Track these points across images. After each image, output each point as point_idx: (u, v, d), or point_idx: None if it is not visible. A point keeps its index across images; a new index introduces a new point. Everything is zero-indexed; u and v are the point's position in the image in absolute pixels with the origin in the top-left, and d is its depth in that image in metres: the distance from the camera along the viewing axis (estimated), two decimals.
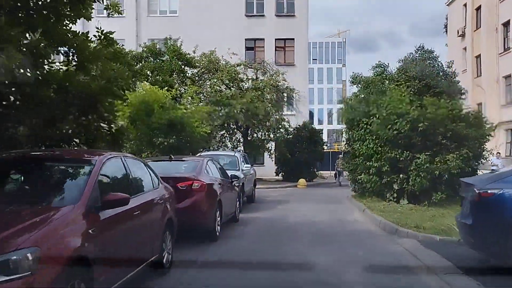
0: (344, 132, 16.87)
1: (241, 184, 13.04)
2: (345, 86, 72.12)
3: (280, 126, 26.04)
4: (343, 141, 18.94)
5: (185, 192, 7.73)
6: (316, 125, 36.96)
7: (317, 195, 19.19)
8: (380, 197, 14.05)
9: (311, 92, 62.16)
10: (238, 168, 13.87)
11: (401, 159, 13.26)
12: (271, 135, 26.22)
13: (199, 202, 7.82)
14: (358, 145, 14.43)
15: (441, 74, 15.05)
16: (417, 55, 15.28)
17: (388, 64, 16.52)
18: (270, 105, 24.81)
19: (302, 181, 24.49)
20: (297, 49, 31.69)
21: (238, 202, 10.79)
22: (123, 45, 12.00)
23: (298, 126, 27.69)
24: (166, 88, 17.13)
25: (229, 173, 12.59)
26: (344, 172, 21.36)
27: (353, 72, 17.19)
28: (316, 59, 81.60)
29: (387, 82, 15.93)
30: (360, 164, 14.74)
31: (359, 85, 16.98)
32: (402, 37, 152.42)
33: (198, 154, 14.99)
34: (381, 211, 11.57)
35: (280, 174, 27.91)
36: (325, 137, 49.84)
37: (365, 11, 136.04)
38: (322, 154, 29.30)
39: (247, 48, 31.39)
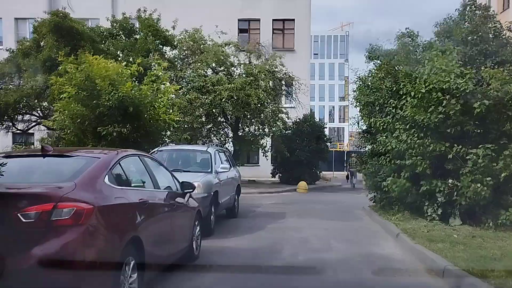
0: (361, 119, 12.49)
1: (212, 193, 8.76)
2: (347, 82, 68.98)
3: (277, 118, 21.59)
4: (359, 134, 14.60)
5: (36, 228, 3.40)
6: None
7: (322, 204, 14.85)
8: (415, 212, 9.75)
9: (312, 88, 57.92)
10: (210, 170, 9.49)
11: (449, 156, 8.95)
12: (266, 130, 21.81)
13: (68, 251, 3.42)
14: (385, 137, 10.10)
15: (501, 38, 10.81)
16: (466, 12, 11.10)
17: (418, 32, 12.22)
18: (265, 93, 20.29)
19: (302, 184, 20.39)
20: (298, 32, 28.02)
21: (197, 227, 6.43)
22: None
23: (298, 120, 23.79)
24: (124, 63, 12.93)
25: (196, 176, 8.52)
26: (357, 173, 17.09)
27: (370, 44, 12.93)
28: (317, 54, 77.29)
29: (416, 56, 11.61)
30: (385, 164, 10.47)
31: (379, 61, 12.68)
32: None
33: (156, 149, 10.72)
34: (429, 239, 7.25)
35: (276, 176, 24.04)
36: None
37: (366, 11, 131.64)
38: (326, 152, 25.28)
39: (240, 30, 27.88)
